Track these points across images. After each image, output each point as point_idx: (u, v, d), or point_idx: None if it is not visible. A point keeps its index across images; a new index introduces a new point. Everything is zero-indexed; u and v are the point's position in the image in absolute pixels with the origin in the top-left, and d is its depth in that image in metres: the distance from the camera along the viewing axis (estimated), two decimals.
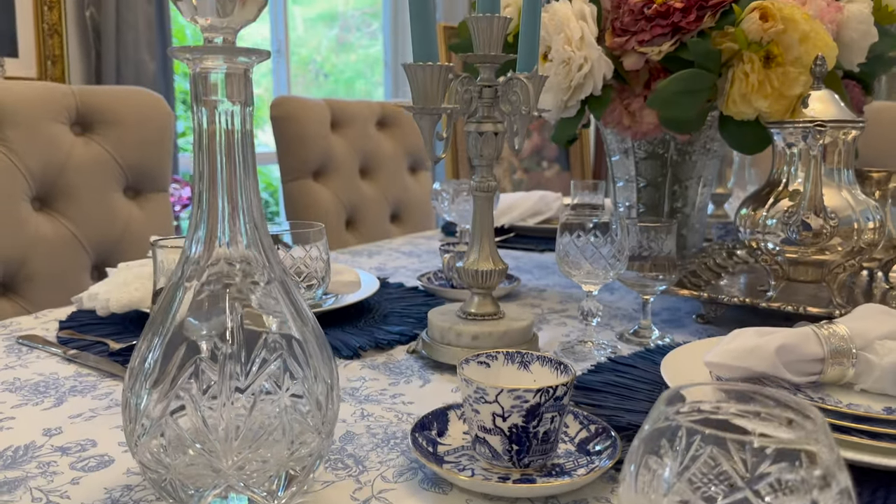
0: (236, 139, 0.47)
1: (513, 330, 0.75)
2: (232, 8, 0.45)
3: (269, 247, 0.50)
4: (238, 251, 0.49)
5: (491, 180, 0.77)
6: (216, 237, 0.49)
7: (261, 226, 0.50)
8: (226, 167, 0.47)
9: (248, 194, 0.49)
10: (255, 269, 0.50)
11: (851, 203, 0.86)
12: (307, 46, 4.86)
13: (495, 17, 0.72)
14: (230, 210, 0.48)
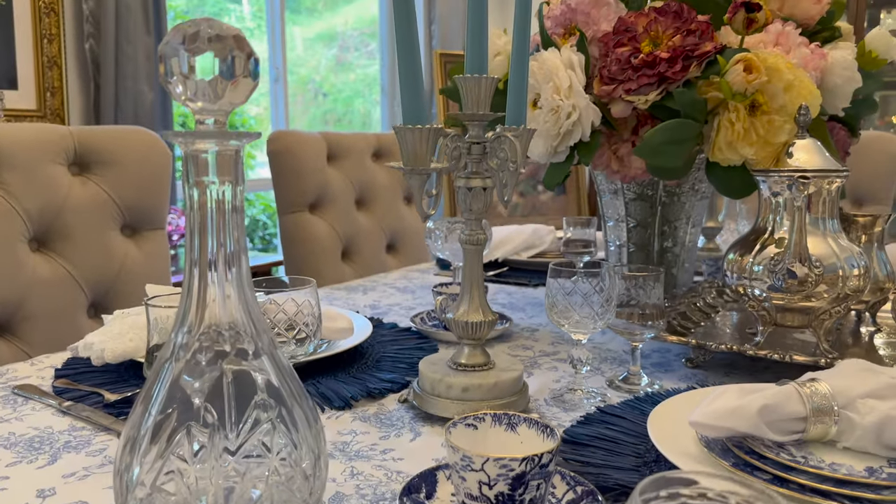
0: (227, 216, 0.49)
1: (502, 381, 0.76)
2: (223, 92, 0.47)
3: (257, 317, 0.52)
4: (228, 319, 0.50)
5: (480, 233, 0.78)
6: (206, 305, 0.50)
7: (251, 297, 0.51)
8: (216, 240, 0.49)
9: (240, 265, 0.50)
10: (245, 338, 0.51)
11: (836, 251, 0.87)
12: (306, 66, 4.90)
13: (483, 78, 0.74)
14: (220, 279, 0.50)
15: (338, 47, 5.05)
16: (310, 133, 1.87)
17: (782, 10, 1.05)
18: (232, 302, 0.50)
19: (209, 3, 4.95)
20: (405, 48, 0.68)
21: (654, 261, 1.18)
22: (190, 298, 0.50)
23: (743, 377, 0.92)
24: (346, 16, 4.77)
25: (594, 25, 1.05)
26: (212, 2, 4.95)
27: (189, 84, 0.46)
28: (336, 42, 4.63)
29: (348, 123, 5.01)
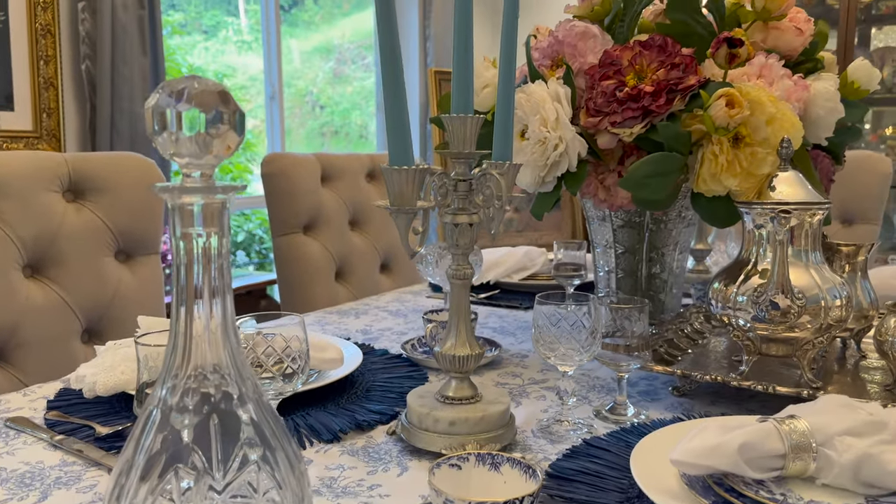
0: (213, 265, 0.50)
1: (489, 415, 0.77)
2: (209, 147, 0.48)
3: (241, 362, 0.53)
4: (213, 362, 0.52)
5: (467, 268, 0.79)
6: (192, 351, 0.51)
7: (235, 343, 0.52)
8: (202, 288, 0.50)
9: (225, 311, 0.52)
10: (230, 381, 0.52)
11: (818, 282, 0.88)
12: (304, 79, 4.93)
13: (468, 118, 0.75)
14: (205, 325, 0.51)
15: (335, 60, 5.08)
16: (304, 155, 1.89)
17: (766, 42, 1.07)
18: (217, 347, 0.51)
19: (206, 18, 4.98)
20: (391, 90, 0.70)
21: (643, 287, 1.19)
22: (176, 344, 0.51)
23: (729, 405, 0.93)
24: (343, 29, 4.80)
25: (581, 58, 1.07)
26: (209, 16, 4.98)
27: (176, 140, 0.47)
28: (333, 55, 4.66)
29: (345, 136, 5.04)
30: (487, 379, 1.04)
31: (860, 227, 2.13)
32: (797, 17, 1.07)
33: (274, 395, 0.71)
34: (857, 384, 0.94)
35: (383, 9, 0.68)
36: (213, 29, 4.96)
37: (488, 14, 4.46)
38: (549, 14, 1.29)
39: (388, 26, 0.68)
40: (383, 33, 0.69)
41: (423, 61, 3.94)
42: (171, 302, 0.52)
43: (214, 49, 5.05)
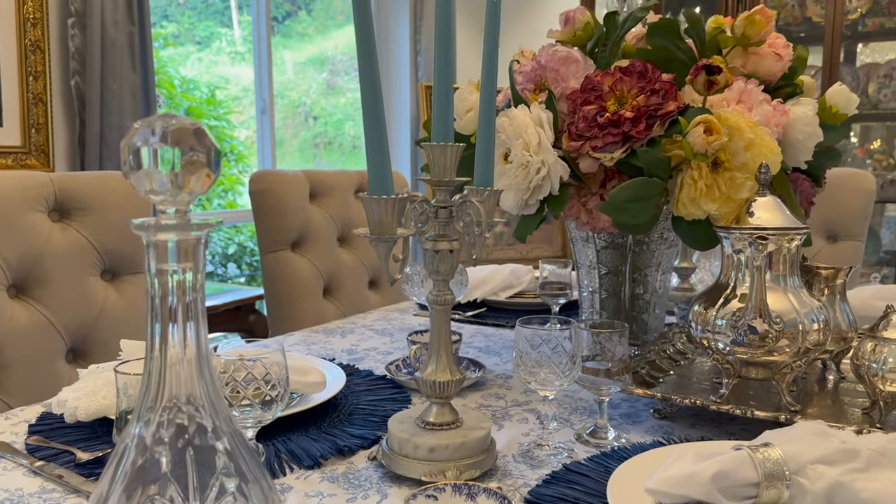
0: (188, 299, 0.50)
1: (469, 441, 0.78)
2: (184, 185, 0.48)
3: (216, 395, 0.53)
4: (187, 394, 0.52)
5: (447, 294, 0.80)
6: (167, 384, 0.51)
7: (209, 377, 0.53)
8: (179, 321, 0.50)
9: (199, 344, 0.52)
10: (204, 414, 0.53)
11: (796, 306, 0.89)
12: (297, 90, 4.94)
13: (448, 146, 0.76)
14: (180, 358, 0.51)
15: (328, 71, 5.09)
16: (292, 172, 1.90)
17: (745, 67, 1.08)
18: (192, 380, 0.52)
19: (200, 29, 5.00)
20: (371, 120, 0.71)
21: (626, 307, 1.20)
22: (151, 377, 0.51)
23: (709, 428, 0.94)
24: (336, 40, 4.82)
25: (563, 82, 1.08)
26: (202, 27, 5.00)
27: (151, 178, 0.48)
28: (327, 66, 4.67)
29: (339, 147, 5.04)
30: (471, 401, 1.04)
31: (845, 244, 2.15)
32: (776, 42, 1.09)
33: (253, 422, 0.71)
34: (837, 407, 0.95)
35: (364, 42, 0.69)
36: (207, 40, 4.97)
37: (477, 35, 4.48)
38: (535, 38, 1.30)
39: (369, 59, 0.69)
40: (364, 66, 0.69)
41: (414, 75, 3.95)
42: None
43: (208, 60, 5.06)
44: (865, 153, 3.78)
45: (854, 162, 3.57)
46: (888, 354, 0.85)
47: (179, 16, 4.90)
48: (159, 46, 4.75)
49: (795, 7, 3.62)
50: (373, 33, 0.69)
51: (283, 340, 1.37)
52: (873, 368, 0.86)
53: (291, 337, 1.40)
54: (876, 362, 0.86)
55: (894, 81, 3.41)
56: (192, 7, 4.88)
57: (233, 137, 5.10)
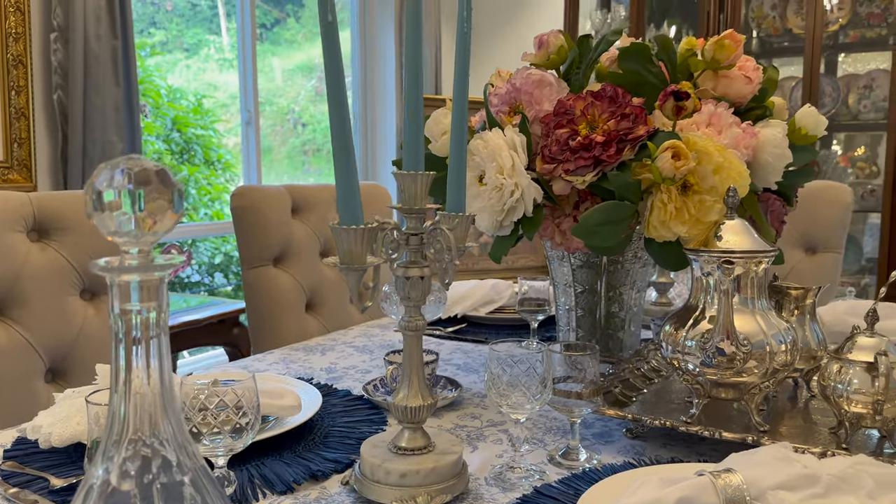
0: (151, 336, 0.51)
1: (440, 466, 0.79)
2: (147, 227, 0.49)
3: (179, 430, 0.54)
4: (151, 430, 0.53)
5: (419, 319, 0.81)
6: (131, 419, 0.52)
7: (173, 414, 0.53)
8: (143, 359, 0.51)
9: (164, 382, 0.53)
10: (168, 448, 0.53)
11: (764, 328, 0.91)
12: (286, 97, 4.94)
13: (419, 175, 0.77)
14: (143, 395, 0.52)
15: (317, 78, 5.10)
16: (274, 187, 1.90)
17: (716, 90, 1.10)
18: (157, 416, 0.52)
19: (188, 36, 4.99)
20: (340, 152, 0.72)
21: (602, 325, 1.22)
22: (115, 413, 0.52)
23: (680, 448, 0.95)
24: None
25: (537, 105, 1.10)
26: (190, 35, 4.99)
27: (114, 220, 0.49)
28: (315, 73, 4.67)
29: (326, 154, 5.04)
30: (447, 420, 1.05)
31: (823, 256, 2.18)
32: (746, 65, 1.11)
33: (224, 451, 0.72)
34: (806, 426, 0.96)
35: (332, 74, 0.70)
36: (195, 47, 4.97)
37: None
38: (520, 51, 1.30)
39: (337, 92, 0.70)
40: (332, 99, 0.71)
41: (400, 88, 3.97)
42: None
43: (196, 67, 5.05)
44: (849, 161, 3.82)
45: (836, 171, 3.61)
46: (853, 376, 0.86)
47: (167, 23, 4.89)
48: (146, 55, 4.74)
49: (776, 19, 3.66)
50: (341, 66, 0.71)
51: (263, 358, 1.37)
52: (839, 389, 0.87)
53: (271, 355, 1.40)
54: (841, 383, 0.87)
55: (874, 92, 3.45)
56: (179, 14, 4.88)
57: (220, 146, 5.10)
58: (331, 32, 0.69)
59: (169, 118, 4.86)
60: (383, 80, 4.03)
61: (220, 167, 5.21)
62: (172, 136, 4.95)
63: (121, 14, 2.50)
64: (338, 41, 0.70)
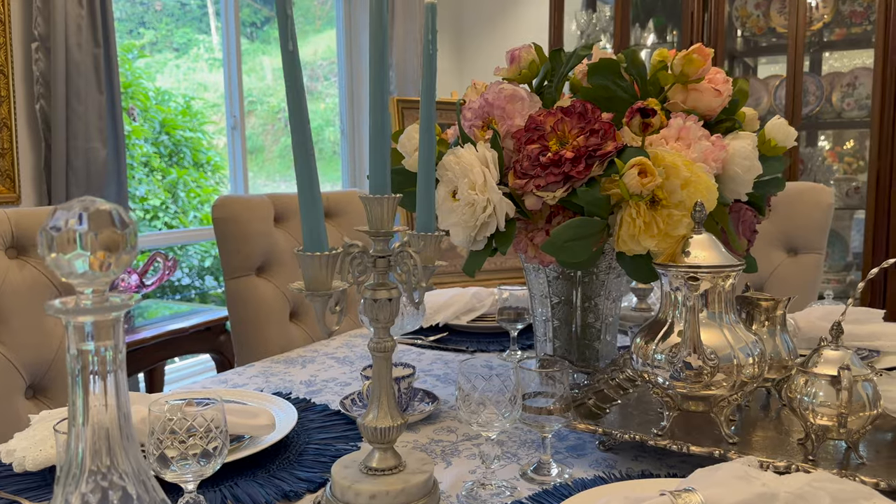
0: (108, 372, 0.52)
1: (409, 487, 0.80)
2: (100, 268, 0.50)
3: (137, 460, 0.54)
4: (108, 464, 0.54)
5: (388, 341, 0.82)
6: (87, 455, 0.53)
7: (130, 447, 0.54)
8: (100, 396, 0.52)
9: (121, 418, 0.54)
10: (128, 482, 0.54)
11: (731, 342, 0.92)
12: (276, 96, 4.93)
13: (384, 199, 0.78)
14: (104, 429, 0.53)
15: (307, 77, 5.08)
16: (256, 197, 1.90)
17: (686, 103, 1.11)
18: (116, 449, 0.53)
19: (177, 36, 4.98)
20: (304, 180, 0.72)
21: (578, 336, 1.23)
22: (75, 448, 0.53)
23: (651, 461, 0.96)
24: (314, 46, 4.82)
25: (509, 120, 1.10)
26: (180, 34, 4.98)
27: (68, 262, 0.49)
28: (305, 72, 4.65)
29: (319, 152, 5.02)
30: (423, 435, 1.06)
31: (805, 257, 2.19)
32: (716, 77, 1.12)
33: (193, 476, 0.72)
34: (778, 436, 0.97)
35: (295, 103, 0.70)
36: (185, 46, 4.96)
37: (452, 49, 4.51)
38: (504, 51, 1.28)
39: (300, 121, 0.71)
40: (295, 127, 0.71)
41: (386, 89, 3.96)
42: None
43: (186, 67, 5.03)
44: (836, 156, 3.84)
45: (821, 169, 3.63)
46: (818, 389, 0.88)
47: (157, 23, 4.88)
48: (133, 58, 4.73)
49: (761, 18, 3.68)
50: (304, 96, 0.71)
51: (243, 372, 1.38)
52: (805, 402, 0.89)
53: (252, 368, 1.41)
54: (807, 396, 0.88)
55: (857, 90, 3.47)
56: (169, 14, 4.86)
57: (209, 148, 5.09)
58: (292, 61, 0.70)
59: (157, 121, 4.85)
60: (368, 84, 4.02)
61: (209, 169, 5.20)
62: (161, 138, 4.94)
63: (102, 22, 2.50)
64: (300, 70, 0.70)
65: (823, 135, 3.81)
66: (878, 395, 0.88)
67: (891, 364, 1.31)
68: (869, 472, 0.83)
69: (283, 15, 0.68)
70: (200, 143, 5.17)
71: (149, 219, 5.03)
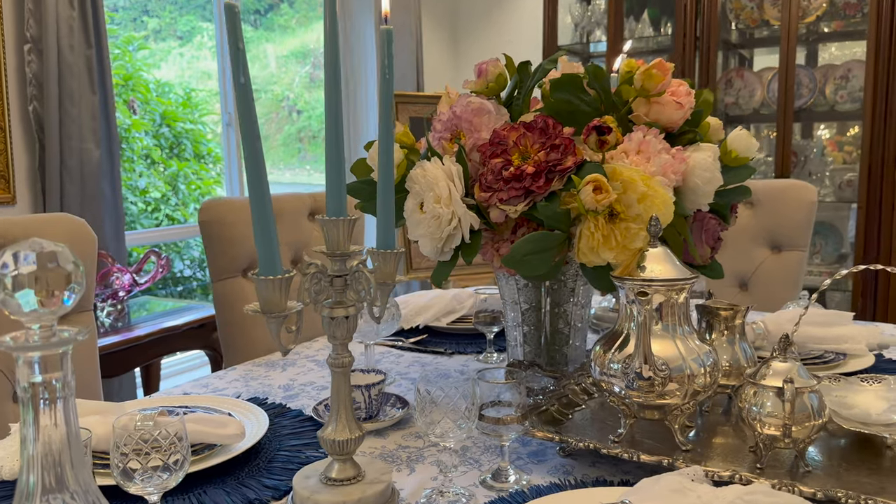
0: (57, 396, 0.55)
1: (367, 496, 0.83)
2: (49, 306, 0.53)
3: (87, 482, 0.58)
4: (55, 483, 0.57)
5: (346, 357, 0.85)
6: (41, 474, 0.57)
7: (80, 467, 0.58)
8: (50, 423, 0.55)
9: (70, 441, 0.57)
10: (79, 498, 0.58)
11: (683, 353, 0.95)
12: (280, 83, 4.95)
13: (340, 221, 0.81)
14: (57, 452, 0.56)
15: (311, 64, 5.10)
16: (242, 199, 1.94)
17: (649, 115, 1.14)
18: (66, 472, 0.57)
19: (181, 23, 4.99)
20: (258, 206, 0.75)
21: (547, 341, 1.26)
22: (26, 471, 0.56)
23: (607, 467, 0.99)
24: (318, 32, 4.84)
25: (476, 133, 1.13)
26: (184, 21, 4.99)
27: (16, 301, 0.52)
28: (309, 59, 4.68)
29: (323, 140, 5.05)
30: (391, 441, 1.09)
31: (789, 254, 2.22)
32: (679, 90, 1.14)
33: (156, 489, 0.76)
34: (732, 442, 1.00)
35: (249, 136, 0.73)
36: (188, 34, 4.97)
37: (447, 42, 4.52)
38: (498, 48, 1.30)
39: (255, 157, 0.74)
40: (249, 155, 0.74)
41: None
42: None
43: (189, 55, 5.05)
44: (836, 145, 3.82)
45: (814, 161, 3.63)
46: (765, 400, 0.91)
47: (160, 11, 4.89)
48: (133, 49, 4.75)
49: (754, 10, 3.67)
50: (258, 129, 0.74)
51: (224, 375, 1.42)
52: (753, 412, 0.92)
53: (233, 371, 1.45)
54: (756, 406, 0.91)
55: (850, 83, 3.47)
56: (172, 2, 4.88)
57: (209, 140, 5.12)
58: (245, 94, 0.72)
59: (158, 113, 4.88)
60: (366, 82, 4.05)
61: (210, 161, 5.23)
62: (161, 131, 4.97)
63: (94, 23, 2.52)
64: (253, 103, 0.73)
65: (824, 124, 3.80)
66: (823, 406, 0.91)
67: (857, 367, 1.34)
68: (814, 481, 0.87)
69: (234, 49, 0.71)
70: (201, 135, 5.20)
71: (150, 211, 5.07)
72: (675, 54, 3.58)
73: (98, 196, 2.57)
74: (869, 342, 1.39)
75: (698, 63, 3.56)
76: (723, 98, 3.65)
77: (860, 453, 0.96)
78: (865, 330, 1.42)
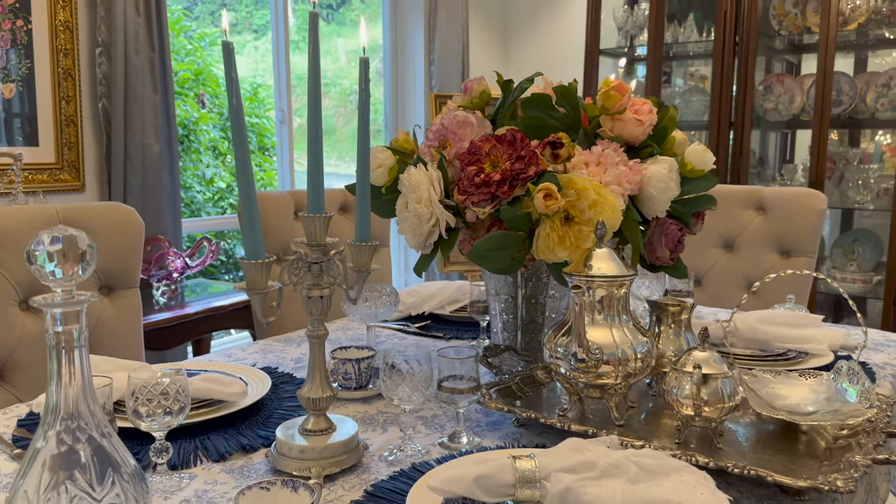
0: (74, 345, 0.74)
1: (333, 444, 1.01)
2: (69, 276, 0.72)
3: (98, 414, 0.77)
4: (73, 413, 0.76)
5: (321, 330, 1.03)
6: (60, 406, 0.76)
7: (92, 402, 0.76)
8: (70, 364, 0.74)
9: (84, 380, 0.76)
10: (91, 427, 0.77)
11: (617, 340, 1.09)
12: (349, 78, 5.17)
13: (317, 218, 0.98)
14: (73, 387, 0.75)
15: (379, 59, 5.31)
16: (278, 193, 2.14)
17: (612, 131, 1.27)
18: (80, 404, 0.76)
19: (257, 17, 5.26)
20: (245, 198, 0.93)
21: (523, 328, 1.41)
22: (51, 400, 0.75)
23: (553, 436, 1.14)
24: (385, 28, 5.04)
25: (460, 142, 1.29)
26: (259, 15, 5.26)
27: (44, 271, 0.72)
28: (378, 54, 4.86)
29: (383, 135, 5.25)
30: (374, 408, 1.26)
31: (797, 260, 2.29)
32: (642, 108, 1.27)
33: (160, 426, 0.95)
34: (670, 421, 1.13)
35: (238, 135, 0.91)
36: (263, 28, 5.24)
37: (490, 36, 4.65)
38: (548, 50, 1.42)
39: (244, 164, 0.92)
40: (239, 154, 0.92)
41: (429, 84, 4.16)
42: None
43: (263, 48, 5.33)
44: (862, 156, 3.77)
45: (850, 169, 3.62)
46: (684, 383, 1.04)
47: (237, 4, 5.18)
48: (205, 46, 5.06)
49: (798, 16, 3.69)
50: (247, 146, 0.92)
51: (247, 348, 1.62)
52: (674, 394, 1.05)
53: (256, 345, 1.65)
54: (675, 389, 1.05)
55: (892, 90, 3.46)
56: None
57: (273, 134, 5.39)
58: (237, 115, 0.90)
59: (226, 108, 5.17)
60: (413, 78, 4.23)
61: (273, 153, 5.51)
62: (228, 124, 5.27)
63: (157, 29, 2.78)
64: (244, 123, 0.91)
65: (882, 130, 3.78)
66: (735, 391, 1.03)
67: (817, 364, 1.44)
68: (721, 455, 1.00)
69: (229, 78, 0.89)
70: (266, 128, 5.48)
71: (216, 200, 5.39)
72: (715, 59, 3.63)
73: (158, 186, 2.83)
74: (832, 343, 1.49)
75: (737, 68, 3.60)
76: (762, 103, 3.68)
77: (780, 438, 1.08)
78: (832, 332, 1.52)
